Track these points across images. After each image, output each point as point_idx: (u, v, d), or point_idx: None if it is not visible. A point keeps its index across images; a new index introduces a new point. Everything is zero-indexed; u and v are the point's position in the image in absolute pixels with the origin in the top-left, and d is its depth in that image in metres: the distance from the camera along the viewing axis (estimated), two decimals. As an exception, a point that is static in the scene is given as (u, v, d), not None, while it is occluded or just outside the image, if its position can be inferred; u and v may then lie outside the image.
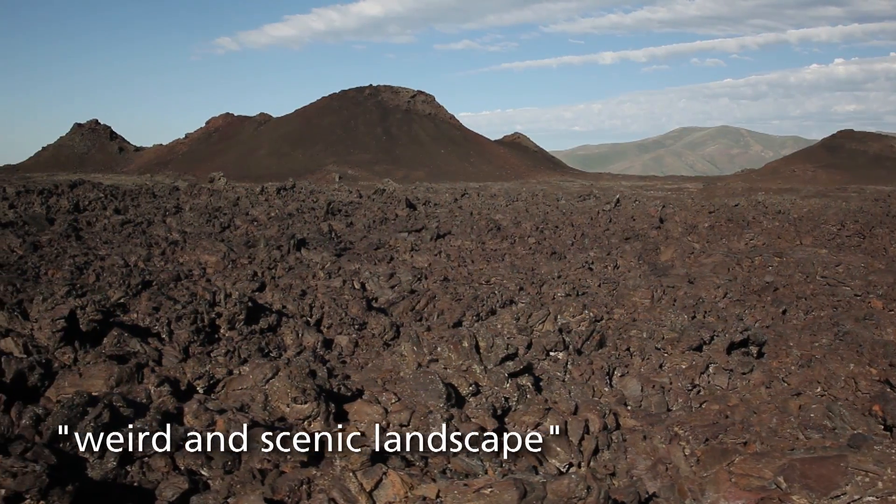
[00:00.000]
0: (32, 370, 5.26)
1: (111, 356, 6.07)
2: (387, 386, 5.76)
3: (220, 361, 6.04)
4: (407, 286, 11.80)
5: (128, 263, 14.77)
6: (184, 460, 4.08)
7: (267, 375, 5.33)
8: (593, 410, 5.45)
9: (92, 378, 5.16)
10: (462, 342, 6.16)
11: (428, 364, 6.17)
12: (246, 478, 3.93)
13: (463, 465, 4.15)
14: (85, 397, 4.21)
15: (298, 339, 8.23)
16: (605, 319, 9.53)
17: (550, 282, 11.83)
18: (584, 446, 5.09)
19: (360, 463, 3.85)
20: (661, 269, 16.09)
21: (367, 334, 8.72)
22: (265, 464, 4.12)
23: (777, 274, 14.50)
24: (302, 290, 10.65)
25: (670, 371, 7.21)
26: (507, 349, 6.17)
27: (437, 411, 5.09)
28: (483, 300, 9.80)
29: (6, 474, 3.14)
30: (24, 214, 23.64)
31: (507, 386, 5.75)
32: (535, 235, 20.52)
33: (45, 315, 7.01)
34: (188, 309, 7.99)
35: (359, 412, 5.12)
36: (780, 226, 23.09)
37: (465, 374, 5.78)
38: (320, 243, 17.86)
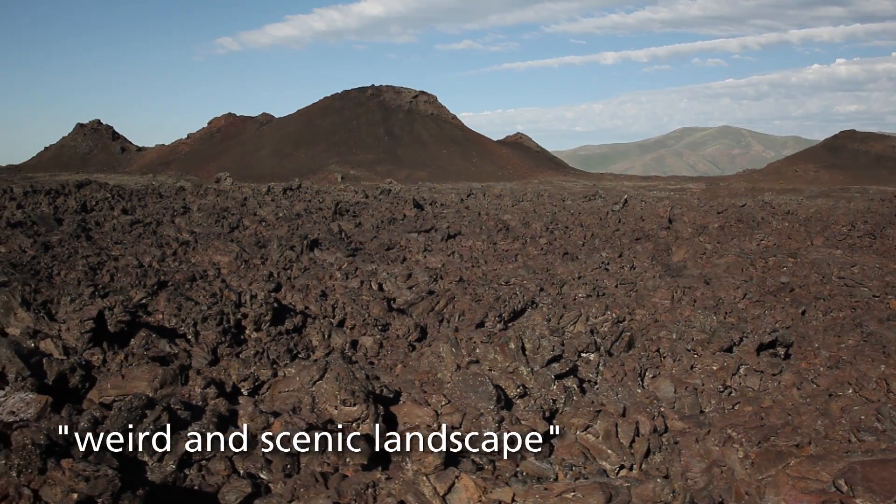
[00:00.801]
0: (73, 372, 5.22)
1: (153, 358, 6.03)
2: (425, 388, 5.72)
3: (264, 363, 6.00)
4: (424, 287, 11.76)
5: (142, 264, 14.73)
6: (243, 463, 4.04)
7: (314, 377, 5.28)
8: (643, 412, 5.42)
9: (135, 380, 5.13)
10: (508, 343, 6.12)
11: (467, 365, 6.13)
12: (308, 481, 3.90)
13: (533, 468, 4.11)
14: (143, 400, 4.18)
15: (325, 340, 8.19)
16: (627, 320, 9.49)
17: (571, 282, 11.80)
18: (635, 448, 5.05)
19: (433, 466, 3.81)
20: (674, 270, 16.06)
21: (392, 335, 8.69)
22: (325, 467, 4.08)
23: (792, 275, 14.47)
24: (322, 291, 10.62)
25: (701, 372, 7.18)
26: (552, 350, 6.14)
27: (488, 413, 5.05)
28: (505, 301, 9.77)
29: (79, 478, 3.11)
30: (32, 214, 23.62)
31: (554, 388, 5.72)
32: (545, 236, 20.50)
33: (74, 316, 6.97)
34: (214, 310, 7.96)
35: (408, 414, 5.08)
36: (790, 226, 23.06)
37: (511, 376, 5.75)
38: (333, 244, 17.83)
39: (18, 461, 3.25)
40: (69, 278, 14.19)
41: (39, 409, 4.31)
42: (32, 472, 3.21)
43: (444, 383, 5.79)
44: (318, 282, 12.19)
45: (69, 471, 3.17)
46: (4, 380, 4.93)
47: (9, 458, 3.25)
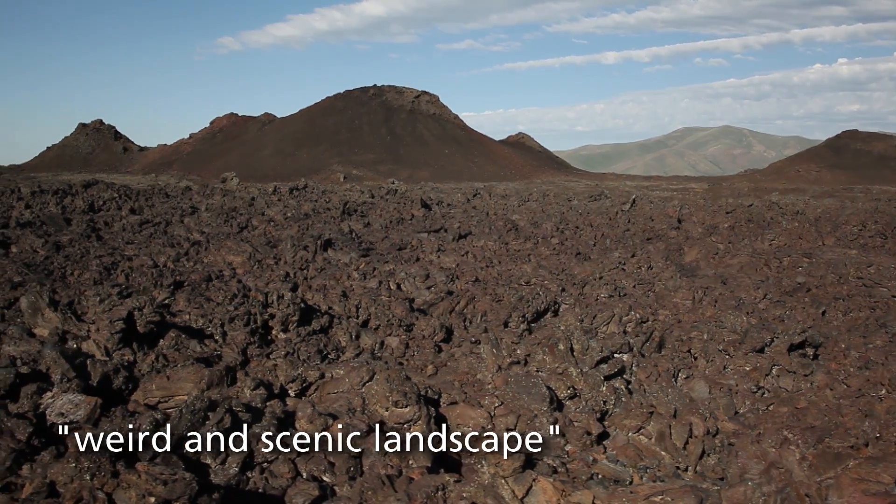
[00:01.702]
0: (117, 373, 5.18)
1: (198, 359, 6.00)
2: (465, 389, 5.69)
3: (310, 364, 5.96)
4: (443, 287, 11.73)
5: (157, 264, 14.70)
6: (306, 466, 4.00)
7: (364, 379, 5.25)
8: (695, 414, 5.38)
9: (180, 381, 5.10)
10: (558, 345, 6.09)
11: (509, 366, 6.10)
12: (375, 484, 3.86)
13: (609, 470, 4.07)
14: (205, 402, 4.14)
15: (353, 340, 8.16)
16: (651, 321, 9.46)
17: (592, 283, 11.77)
18: (689, 450, 5.01)
19: (511, 469, 3.77)
20: (688, 270, 16.03)
21: (417, 336, 8.65)
22: (389, 469, 4.04)
23: (808, 275, 14.43)
24: (343, 291, 10.58)
25: (734, 373, 7.15)
26: (601, 352, 6.11)
27: (542, 415, 5.02)
28: (529, 301, 9.74)
29: (157, 482, 3.07)
30: (41, 214, 23.61)
31: (604, 389, 5.69)
32: (556, 236, 20.46)
33: (103, 316, 6.94)
34: (241, 310, 7.92)
35: (461, 416, 5.05)
36: (800, 226, 23.03)
37: (561, 377, 5.71)
38: (345, 244, 17.79)
39: (88, 464, 3.21)
40: (83, 278, 14.17)
41: (89, 410, 4.28)
42: (105, 476, 3.18)
43: (484, 384, 5.76)
44: (336, 282, 12.15)
45: (145, 474, 3.13)
46: (48, 381, 4.90)
47: (79, 461, 3.22)
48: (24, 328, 7.44)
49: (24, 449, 3.50)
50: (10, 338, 7.25)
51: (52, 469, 3.28)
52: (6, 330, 7.57)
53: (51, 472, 3.25)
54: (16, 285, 12.95)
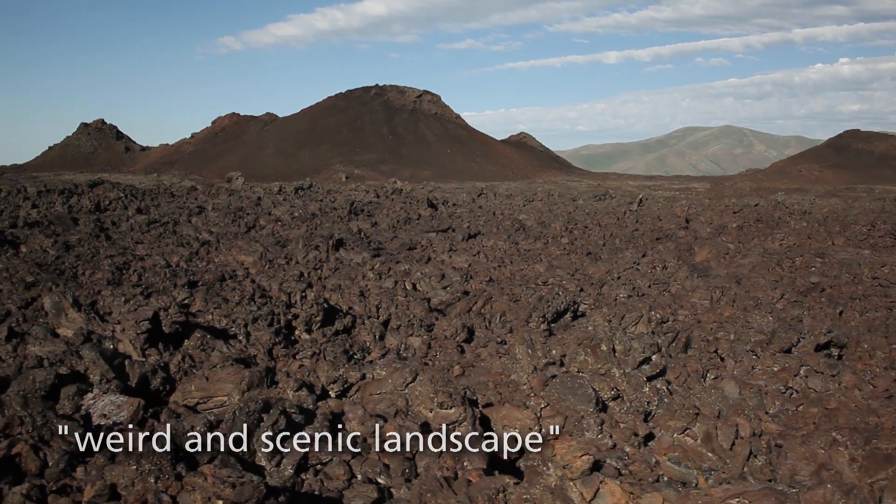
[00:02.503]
0: (155, 374, 5.15)
1: (237, 360, 5.96)
2: (500, 389, 5.66)
3: (351, 365, 5.92)
4: (458, 287, 11.70)
5: (170, 264, 14.66)
6: (361, 468, 3.97)
7: (407, 380, 5.22)
8: (741, 415, 5.36)
9: (220, 382, 5.06)
10: (601, 345, 6.06)
11: (544, 367, 6.06)
12: (433, 486, 3.82)
13: (674, 472, 4.04)
14: (259, 403, 4.11)
15: (377, 341, 8.13)
16: (671, 321, 9.44)
17: (610, 283, 11.74)
18: (736, 451, 4.98)
19: (580, 472, 3.74)
20: (700, 270, 16.00)
21: (439, 336, 8.62)
22: (445, 471, 4.01)
23: (822, 275, 14.40)
24: (360, 291, 10.55)
25: (763, 373, 7.12)
26: (643, 352, 6.08)
27: (589, 416, 4.98)
28: (549, 301, 9.71)
29: (224, 484, 3.04)
30: (48, 214, 23.59)
31: (647, 390, 5.66)
32: (566, 236, 20.44)
33: (129, 317, 6.91)
34: (264, 310, 7.89)
35: (507, 417, 5.01)
36: (809, 226, 23.00)
37: (604, 378, 5.68)
38: (357, 243, 17.76)
39: (149, 466, 3.18)
40: (95, 278, 14.13)
41: (132, 412, 4.24)
42: (168, 479, 3.15)
43: (519, 385, 5.73)
44: (352, 282, 12.11)
45: (212, 476, 3.10)
46: (86, 381, 4.86)
47: (139, 463, 3.18)
48: (47, 328, 7.42)
49: (75, 451, 3.47)
50: (35, 338, 7.22)
51: (112, 472, 3.25)
52: (30, 330, 7.54)
53: (112, 475, 3.22)
54: (29, 285, 12.92)
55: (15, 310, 10.28)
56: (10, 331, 7.27)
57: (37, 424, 3.65)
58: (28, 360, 6.54)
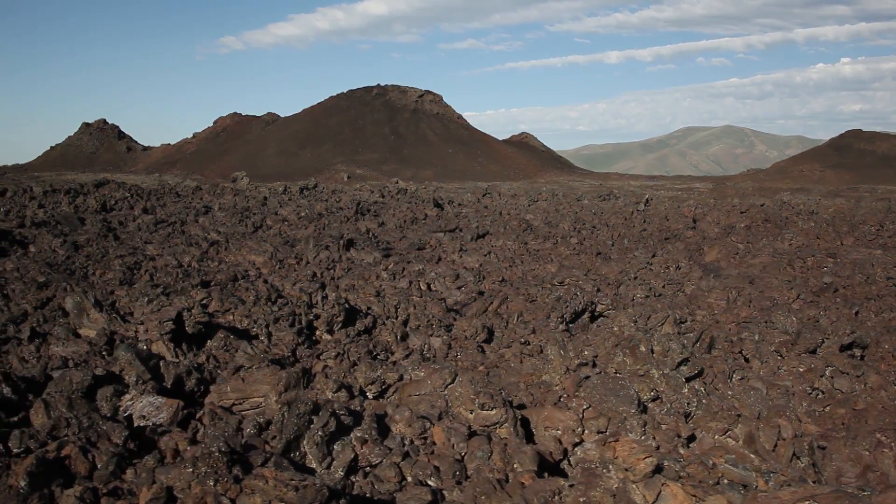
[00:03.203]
0: (189, 374, 5.12)
1: (273, 360, 5.93)
2: (531, 390, 5.63)
3: (389, 366, 5.89)
4: (473, 287, 11.67)
5: (181, 264, 14.63)
6: (411, 470, 3.94)
7: (446, 381, 5.18)
8: (782, 416, 5.32)
9: (256, 383, 5.02)
10: (639, 346, 6.03)
11: (577, 367, 6.03)
12: (486, 488, 3.79)
13: (734, 473, 4.00)
14: (309, 405, 4.07)
15: (399, 341, 8.09)
16: (688, 321, 9.40)
17: (626, 283, 11.72)
18: (778, 453, 4.95)
19: (643, 474, 3.70)
20: (711, 270, 15.97)
21: (459, 336, 8.59)
22: (496, 473, 3.98)
23: (835, 275, 14.37)
24: (376, 291, 10.52)
25: (789, 374, 7.09)
26: (681, 353, 6.05)
27: (632, 417, 4.95)
28: (567, 301, 9.68)
29: (287, 487, 3.00)
30: (55, 214, 23.57)
31: (686, 391, 5.63)
32: (575, 236, 20.41)
33: (152, 317, 6.87)
34: (285, 310, 7.85)
35: (549, 418, 4.98)
36: (817, 226, 22.97)
37: (643, 379, 5.65)
38: (366, 243, 17.74)
39: (206, 469, 3.15)
40: (107, 278, 14.10)
41: (172, 413, 4.21)
42: (227, 481, 3.11)
43: (552, 386, 5.69)
44: (365, 282, 12.08)
45: (273, 479, 3.07)
46: (122, 382, 4.83)
47: (195, 465, 3.15)
48: (69, 329, 7.39)
49: (122, 453, 3.44)
50: (57, 338, 7.20)
51: (168, 474, 3.21)
52: (52, 331, 7.52)
53: (168, 477, 3.18)
54: (41, 285, 12.89)
55: (31, 310, 10.27)
56: (33, 331, 7.24)
57: (83, 426, 3.62)
58: (53, 360, 6.51)
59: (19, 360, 6.80)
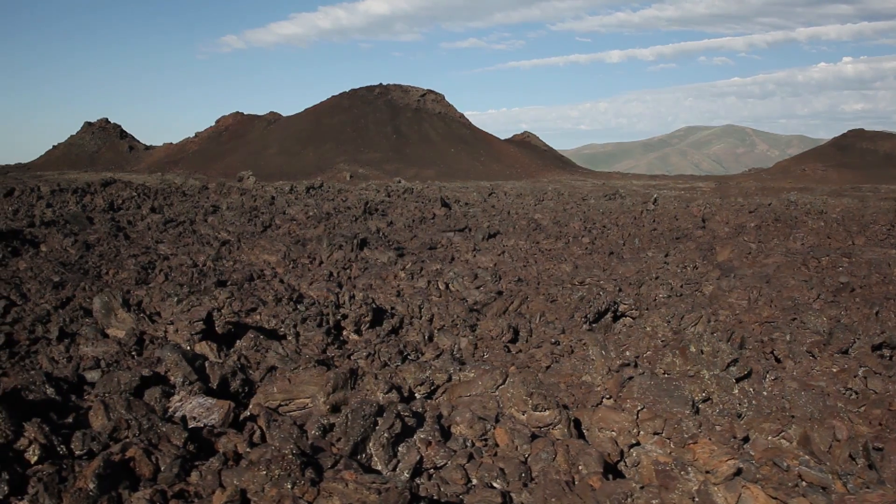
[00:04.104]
0: (234, 375, 5.09)
1: (319, 361, 5.90)
2: (572, 391, 5.60)
3: (437, 367, 5.85)
4: (492, 287, 11.64)
5: (196, 263, 14.60)
6: (476, 472, 3.90)
7: (497, 381, 5.15)
8: (836, 417, 5.30)
9: (303, 384, 4.99)
10: (689, 346, 6.00)
11: (619, 368, 6.00)
12: (555, 490, 3.76)
13: (812, 476, 3.97)
14: (374, 407, 4.04)
15: (428, 341, 8.06)
16: (712, 321, 9.36)
17: (648, 283, 11.69)
18: (834, 454, 4.91)
19: (724, 476, 3.67)
20: (726, 270, 15.93)
21: (485, 336, 8.55)
22: (561, 475, 3.94)
23: (851, 275, 14.33)
24: (397, 291, 10.49)
25: (822, 375, 7.06)
26: (731, 354, 6.02)
27: (687, 419, 4.92)
28: (590, 301, 9.65)
29: (369, 490, 2.97)
30: (63, 213, 23.55)
31: (736, 392, 5.60)
32: (586, 235, 20.39)
33: (182, 317, 6.84)
34: (313, 310, 7.82)
35: (604, 419, 4.94)
36: (827, 226, 22.93)
37: (694, 380, 5.61)
38: (379, 243, 17.71)
39: (279, 471, 3.11)
40: (121, 278, 14.08)
41: (223, 414, 4.18)
42: (305, 484, 3.08)
43: (593, 386, 5.67)
44: (383, 281, 12.05)
45: (354, 482, 3.03)
46: (167, 382, 4.80)
47: (269, 468, 3.11)
48: (97, 328, 7.36)
49: (184, 455, 3.41)
50: (86, 339, 7.17)
51: (241, 476, 3.18)
52: (79, 331, 7.49)
53: (241, 480, 3.15)
54: (57, 285, 12.88)
55: (52, 309, 10.24)
56: (61, 331, 7.21)
57: (143, 427, 3.59)
58: (84, 360, 6.49)
59: (49, 361, 6.77)
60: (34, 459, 3.14)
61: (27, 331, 7.26)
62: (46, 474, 2.99)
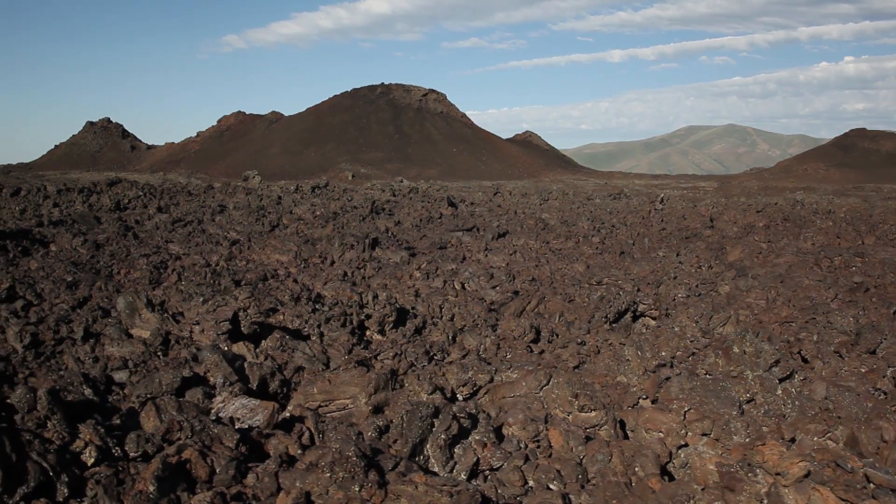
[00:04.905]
0: (273, 376, 5.06)
1: (359, 362, 5.87)
2: (607, 391, 5.56)
3: (480, 367, 5.82)
4: (508, 287, 11.61)
5: (209, 263, 14.57)
6: (534, 473, 3.87)
7: (542, 382, 5.12)
8: (882, 417, 5.27)
9: (344, 385, 4.96)
10: (733, 347, 5.97)
11: (655, 369, 5.97)
12: (615, 491, 3.73)
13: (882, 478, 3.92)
14: (430, 408, 4.01)
15: (452, 342, 8.03)
16: (740, 322, 9.32)
17: (667, 283, 11.66)
18: (882, 455, 4.88)
19: (795, 478, 3.64)
20: (739, 269, 15.90)
21: (507, 336, 8.52)
22: (618, 476, 3.92)
23: (865, 274, 14.30)
24: (415, 291, 10.46)
25: (851, 375, 7.02)
26: (773, 355, 5.99)
27: (734, 420, 4.89)
28: (610, 301, 9.62)
29: (441, 493, 2.94)
30: (71, 213, 23.52)
31: (780, 392, 5.57)
32: (596, 235, 20.36)
33: (208, 317, 6.81)
34: (336, 310, 7.79)
35: (651, 420, 4.91)
36: (836, 225, 22.90)
37: (737, 381, 5.58)
38: (391, 242, 17.68)
39: (343, 474, 3.08)
40: (133, 277, 14.05)
41: (267, 415, 4.14)
42: (371, 486, 3.05)
43: (629, 387, 5.64)
44: (398, 281, 12.02)
45: (424, 485, 3.00)
46: (206, 383, 4.77)
47: (333, 470, 3.08)
48: (121, 328, 7.33)
49: (238, 457, 3.38)
50: (111, 339, 7.14)
51: (306, 479, 3.14)
52: (104, 331, 7.46)
53: (306, 482, 3.12)
54: (70, 285, 12.84)
55: (69, 309, 10.21)
56: (86, 331, 7.18)
57: (195, 429, 3.56)
58: (112, 360, 6.46)
59: (75, 361, 6.74)
60: (91, 461, 3.11)
61: (52, 331, 7.23)
62: (104, 476, 2.96)
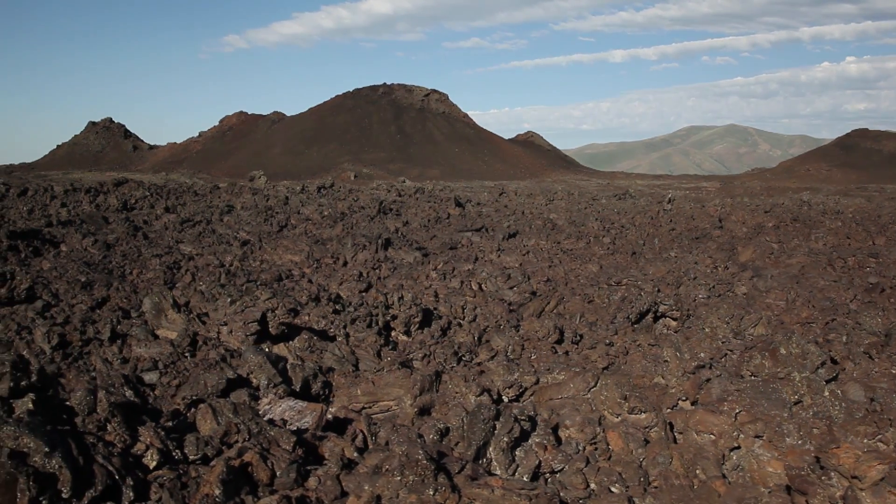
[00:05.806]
0: (315, 377, 5.02)
1: (402, 364, 5.84)
2: (646, 392, 5.53)
3: (526, 369, 5.79)
4: (526, 287, 11.57)
5: (223, 263, 14.54)
6: (595, 476, 3.85)
7: (590, 384, 5.09)
8: None
9: (388, 386, 4.93)
10: (780, 349, 5.94)
11: (694, 370, 5.94)
12: (680, 495, 3.70)
13: None
14: (492, 411, 3.98)
15: (479, 343, 8.00)
16: (772, 323, 9.29)
17: (686, 283, 11.63)
18: None
19: (872, 482, 3.61)
20: (753, 270, 15.87)
21: (531, 337, 8.49)
22: (681, 479, 3.89)
23: (880, 275, 14.27)
24: (434, 292, 10.43)
25: (882, 376, 7.00)
26: (819, 356, 5.96)
27: (786, 422, 4.86)
28: (632, 302, 9.59)
29: (520, 497, 2.90)
30: (79, 213, 23.50)
31: (827, 394, 5.54)
32: (606, 235, 20.33)
33: (236, 318, 6.78)
34: (362, 311, 7.75)
35: (702, 422, 4.87)
36: (845, 226, 22.86)
37: (784, 382, 5.55)
38: (403, 243, 17.65)
39: (414, 477, 3.04)
40: (146, 278, 14.01)
41: (316, 418, 4.11)
42: (445, 490, 3.01)
43: (668, 388, 5.60)
44: (414, 282, 11.99)
45: (501, 489, 2.97)
46: (249, 385, 4.73)
47: (403, 473, 3.05)
48: (147, 329, 7.31)
49: (297, 460, 3.35)
50: (138, 339, 7.11)
51: (376, 482, 3.11)
52: (130, 331, 7.43)
53: (377, 486, 3.09)
54: (85, 285, 12.81)
55: (87, 310, 10.18)
56: (112, 332, 7.15)
57: (252, 432, 3.52)
58: (141, 361, 6.43)
59: (103, 362, 6.72)
60: (153, 465, 3.08)
61: (78, 332, 7.20)
62: (168, 480, 2.93)
